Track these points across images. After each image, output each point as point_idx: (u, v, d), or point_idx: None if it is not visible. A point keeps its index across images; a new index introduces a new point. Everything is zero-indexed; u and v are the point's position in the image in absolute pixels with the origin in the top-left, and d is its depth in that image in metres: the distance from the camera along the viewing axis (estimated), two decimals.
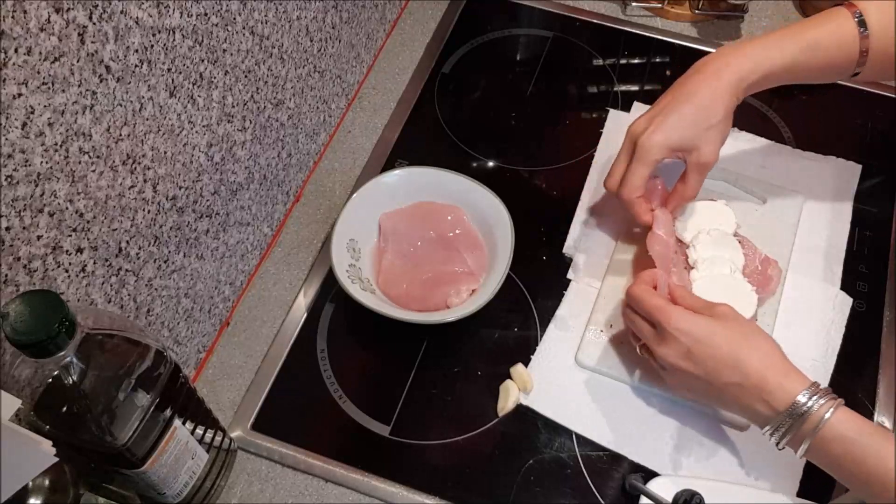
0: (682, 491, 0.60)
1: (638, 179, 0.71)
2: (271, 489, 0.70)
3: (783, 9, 1.03)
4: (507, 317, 0.78)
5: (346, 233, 0.76)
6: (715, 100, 0.70)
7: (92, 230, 0.55)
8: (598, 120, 0.92)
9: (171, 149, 0.62)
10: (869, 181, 0.86)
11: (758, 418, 0.62)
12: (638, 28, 1.01)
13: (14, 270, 0.49)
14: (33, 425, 0.49)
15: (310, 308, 0.79)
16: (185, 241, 0.68)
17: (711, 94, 0.70)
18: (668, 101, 0.71)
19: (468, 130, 0.92)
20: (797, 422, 0.59)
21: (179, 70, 0.60)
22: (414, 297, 0.76)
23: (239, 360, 0.77)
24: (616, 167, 0.74)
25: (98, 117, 0.53)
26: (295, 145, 0.84)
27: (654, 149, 0.70)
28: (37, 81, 0.47)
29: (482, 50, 1.00)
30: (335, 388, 0.74)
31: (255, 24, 0.69)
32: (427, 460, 0.70)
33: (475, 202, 0.79)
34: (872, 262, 0.81)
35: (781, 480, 0.68)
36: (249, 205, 0.77)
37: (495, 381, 0.74)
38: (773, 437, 0.61)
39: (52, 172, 0.50)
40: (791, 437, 0.60)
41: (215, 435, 0.65)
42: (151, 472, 0.56)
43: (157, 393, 0.53)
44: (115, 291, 0.60)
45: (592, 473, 0.70)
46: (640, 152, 0.71)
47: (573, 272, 0.81)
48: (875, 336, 0.77)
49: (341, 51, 0.89)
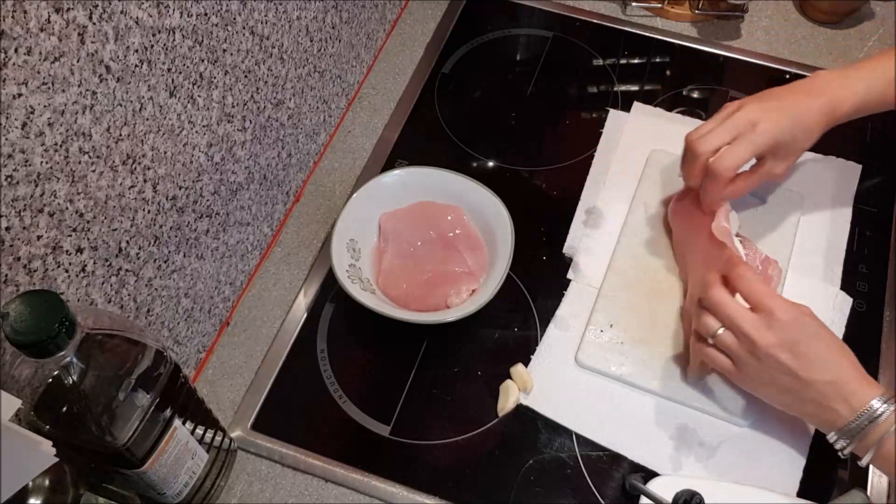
0: (682, 491, 0.60)
1: (739, 159, 0.69)
2: (271, 489, 0.70)
3: (783, 9, 1.03)
4: (507, 317, 0.78)
5: (346, 233, 0.76)
6: (812, 127, 0.71)
7: (92, 230, 0.55)
8: (598, 120, 0.92)
9: (171, 149, 0.62)
10: (869, 181, 0.86)
11: (832, 420, 0.62)
12: (638, 28, 1.01)
13: (14, 270, 0.49)
14: (33, 425, 0.49)
15: (310, 308, 0.79)
16: (185, 241, 0.68)
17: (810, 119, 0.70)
18: (781, 104, 0.70)
19: (468, 130, 0.92)
20: (868, 427, 0.59)
21: (179, 70, 0.60)
22: (414, 297, 0.76)
23: (239, 360, 0.77)
24: (714, 135, 0.70)
25: (98, 117, 0.53)
26: (295, 145, 0.84)
27: (764, 140, 0.69)
28: (37, 81, 0.47)
29: (482, 50, 1.00)
30: (335, 388, 0.74)
31: (255, 24, 0.69)
32: (427, 460, 0.70)
33: (475, 202, 0.79)
34: (872, 262, 0.81)
35: (781, 480, 0.68)
36: (249, 205, 0.77)
37: (495, 381, 0.74)
38: (839, 441, 0.61)
39: (52, 172, 0.50)
40: (859, 443, 0.60)
41: (215, 435, 0.65)
42: (151, 472, 0.56)
43: (157, 393, 0.53)
44: (115, 291, 0.60)
45: (592, 473, 0.70)
46: (753, 135, 0.69)
47: (573, 272, 0.81)
48: (875, 336, 0.77)
49: (341, 51, 0.89)
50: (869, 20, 1.02)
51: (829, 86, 0.72)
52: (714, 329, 0.65)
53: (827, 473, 0.69)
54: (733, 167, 0.70)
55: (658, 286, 0.78)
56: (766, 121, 0.69)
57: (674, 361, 0.74)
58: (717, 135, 0.70)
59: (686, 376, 0.72)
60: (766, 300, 0.62)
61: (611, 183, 0.87)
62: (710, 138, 0.70)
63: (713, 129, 0.71)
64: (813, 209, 0.84)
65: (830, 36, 1.01)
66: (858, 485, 0.68)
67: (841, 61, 0.98)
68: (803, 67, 0.97)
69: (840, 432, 0.61)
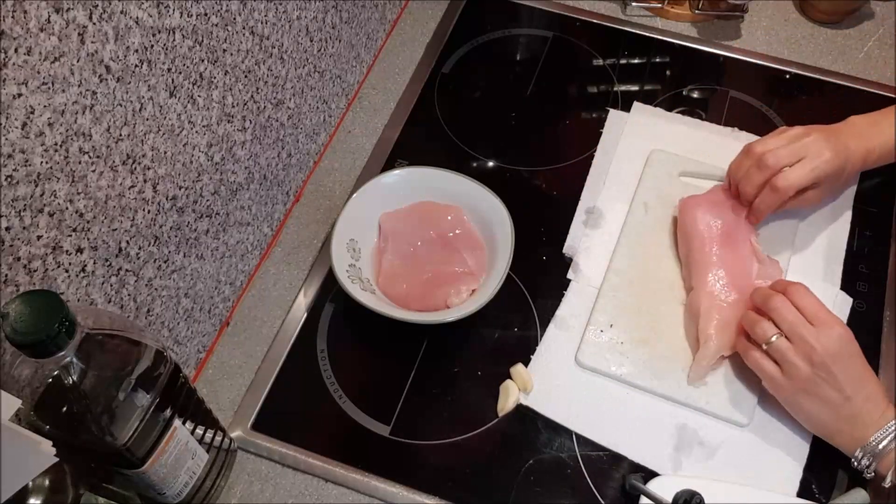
0: (682, 491, 0.60)
1: (803, 181, 0.73)
2: (271, 489, 0.70)
3: (783, 9, 1.03)
4: (507, 317, 0.78)
5: (346, 233, 0.76)
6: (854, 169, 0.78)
7: (92, 230, 0.55)
8: (598, 120, 0.92)
9: (171, 149, 0.62)
10: (869, 181, 0.86)
11: (862, 436, 0.64)
12: (638, 28, 1.01)
13: (14, 270, 0.49)
14: (33, 425, 0.49)
15: (310, 308, 0.79)
16: (185, 241, 0.68)
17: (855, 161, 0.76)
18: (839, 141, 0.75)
19: (468, 130, 0.92)
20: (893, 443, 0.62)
21: (179, 70, 0.60)
22: (414, 297, 0.76)
23: (239, 360, 0.77)
24: (785, 152, 0.74)
25: (98, 117, 0.53)
26: (295, 145, 0.84)
27: (826, 170, 0.74)
28: (37, 81, 0.47)
29: (482, 50, 1.00)
30: (335, 388, 0.74)
31: (255, 24, 0.69)
32: (427, 460, 0.70)
33: (475, 202, 0.79)
34: (872, 262, 0.81)
35: (781, 480, 0.68)
36: (249, 205, 0.77)
37: (495, 381, 0.74)
38: (865, 458, 0.64)
39: (52, 172, 0.50)
40: (882, 461, 0.63)
41: (215, 435, 0.65)
42: (151, 472, 0.56)
43: (157, 393, 0.53)
44: (115, 291, 0.60)
45: (592, 473, 0.70)
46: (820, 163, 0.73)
47: (573, 272, 0.81)
48: (875, 336, 0.77)
49: (341, 51, 0.89)
50: (869, 20, 1.02)
51: (868, 132, 0.77)
52: (770, 335, 0.67)
53: (827, 473, 0.69)
54: (796, 187, 0.74)
55: (658, 286, 0.78)
56: (832, 153, 0.74)
57: (674, 361, 0.74)
58: (787, 154, 0.74)
59: (686, 376, 0.72)
60: (825, 314, 0.66)
61: (611, 183, 0.87)
62: (781, 155, 0.74)
63: (783, 147, 0.74)
64: (813, 209, 0.84)
65: (830, 36, 1.01)
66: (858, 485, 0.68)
67: (841, 61, 0.98)
68: (803, 67, 0.97)
69: (865, 449, 0.64)
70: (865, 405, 0.64)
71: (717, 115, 0.93)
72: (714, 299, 0.73)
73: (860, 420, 0.64)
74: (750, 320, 0.69)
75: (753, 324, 0.68)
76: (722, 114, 0.93)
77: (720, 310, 0.72)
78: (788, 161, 0.74)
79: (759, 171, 0.75)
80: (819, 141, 0.74)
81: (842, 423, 0.65)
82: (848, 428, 0.65)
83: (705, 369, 0.71)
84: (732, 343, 0.72)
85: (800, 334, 0.65)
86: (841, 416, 0.65)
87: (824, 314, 0.66)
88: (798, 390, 0.66)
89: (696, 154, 0.87)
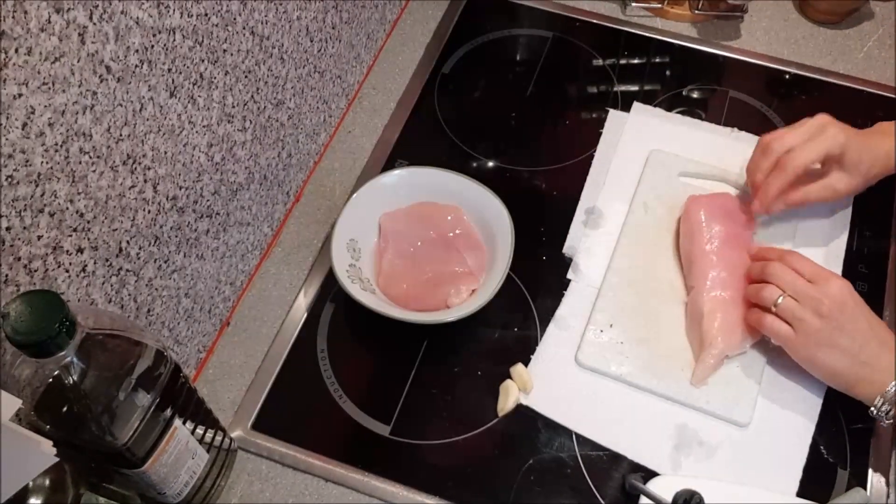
0: (682, 491, 0.61)
1: (808, 156, 0.73)
2: (271, 489, 0.70)
3: (783, 9, 1.03)
4: (507, 317, 0.78)
5: (346, 233, 0.76)
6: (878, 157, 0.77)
7: (92, 230, 0.55)
8: (598, 120, 0.92)
9: (172, 149, 0.62)
10: None
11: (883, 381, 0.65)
12: (638, 28, 1.01)
13: (14, 270, 0.49)
14: (33, 425, 0.49)
15: (310, 308, 0.79)
16: (186, 241, 0.68)
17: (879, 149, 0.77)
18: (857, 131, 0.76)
19: (468, 130, 0.92)
20: None
21: (180, 70, 0.60)
22: (414, 297, 0.76)
23: (239, 360, 0.77)
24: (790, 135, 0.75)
25: (98, 117, 0.53)
26: (295, 145, 0.84)
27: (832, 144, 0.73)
28: (37, 82, 0.47)
29: (482, 50, 1.00)
30: (335, 388, 0.74)
31: (255, 24, 0.69)
32: (427, 460, 0.70)
33: (475, 202, 0.79)
34: (872, 262, 0.81)
35: (781, 480, 0.69)
36: (249, 205, 0.77)
37: (495, 381, 0.74)
38: (885, 405, 0.65)
39: (52, 172, 0.50)
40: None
41: (215, 435, 0.65)
42: (152, 471, 0.56)
43: (157, 393, 0.53)
44: (116, 291, 0.60)
45: (592, 473, 0.70)
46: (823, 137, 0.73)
47: (573, 272, 0.81)
48: None
49: (341, 51, 0.89)
50: (868, 20, 1.02)
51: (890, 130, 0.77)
52: (776, 296, 0.68)
53: (827, 473, 0.69)
54: (802, 164, 0.73)
55: (658, 286, 0.78)
56: (838, 128, 0.74)
57: (674, 361, 0.74)
58: (792, 136, 0.75)
59: (686, 376, 0.73)
60: (822, 271, 0.69)
61: (611, 183, 0.87)
62: (787, 138, 0.75)
63: (790, 132, 0.76)
64: (813, 209, 0.84)
65: (830, 36, 1.01)
66: (858, 485, 0.68)
67: (840, 61, 0.98)
68: (803, 67, 0.97)
69: (885, 396, 0.65)
70: (881, 350, 0.66)
71: (716, 116, 0.93)
72: (717, 300, 0.73)
73: (877, 365, 0.66)
74: (754, 289, 0.71)
75: (758, 291, 0.70)
76: (722, 114, 0.93)
77: (724, 310, 0.73)
78: (795, 143, 0.74)
79: (766, 156, 0.75)
80: (826, 120, 0.74)
81: (859, 369, 0.66)
82: (866, 373, 0.66)
83: (710, 370, 0.71)
84: (737, 343, 0.72)
85: (804, 291, 0.67)
86: (857, 362, 0.66)
87: (822, 271, 0.68)
88: (813, 344, 0.67)
89: (696, 154, 0.88)
